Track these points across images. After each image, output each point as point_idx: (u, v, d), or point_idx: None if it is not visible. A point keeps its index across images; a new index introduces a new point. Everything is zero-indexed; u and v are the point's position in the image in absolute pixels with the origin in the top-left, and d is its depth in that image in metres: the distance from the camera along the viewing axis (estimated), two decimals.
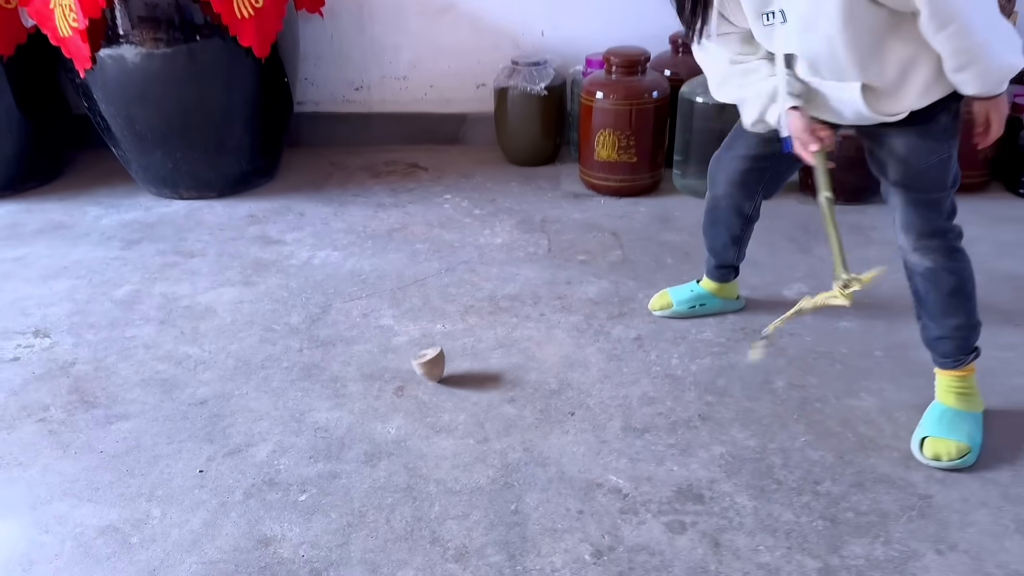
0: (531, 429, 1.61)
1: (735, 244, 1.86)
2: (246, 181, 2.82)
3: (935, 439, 1.49)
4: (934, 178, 1.45)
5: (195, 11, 2.46)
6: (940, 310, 1.52)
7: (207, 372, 1.82)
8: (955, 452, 1.47)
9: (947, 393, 1.56)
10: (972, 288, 1.53)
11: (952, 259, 1.50)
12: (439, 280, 2.19)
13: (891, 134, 1.45)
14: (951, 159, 1.44)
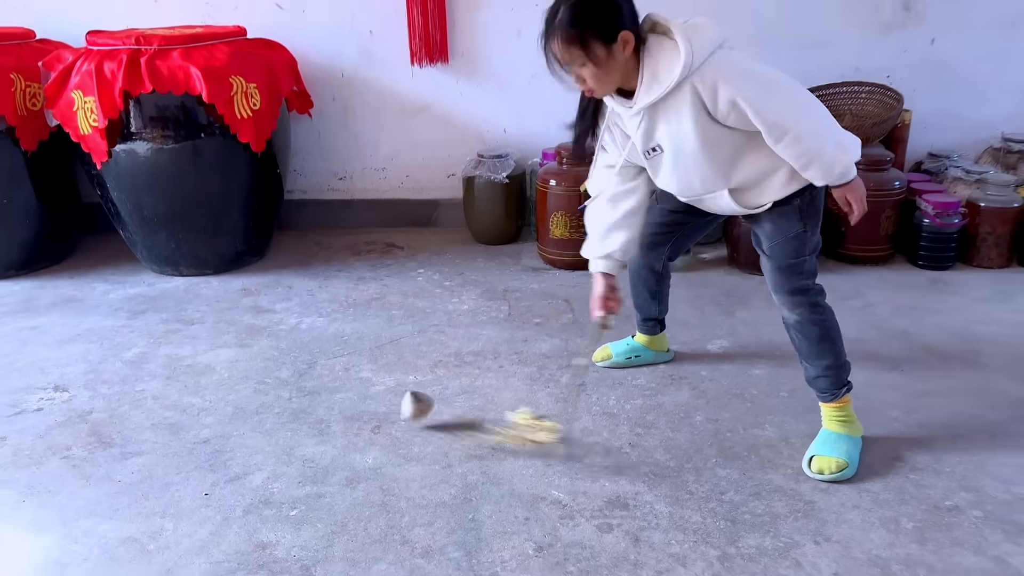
0: (488, 457, 1.90)
1: (654, 299, 2.21)
2: (240, 259, 3.15)
3: (820, 457, 1.81)
4: (794, 248, 1.81)
5: (200, 112, 2.85)
6: (813, 354, 1.86)
7: (209, 417, 2.10)
8: (835, 467, 1.78)
9: (831, 421, 1.88)
10: (836, 334, 1.87)
11: (815, 312, 1.84)
12: (412, 340, 2.50)
13: (761, 217, 1.82)
14: (807, 233, 1.80)
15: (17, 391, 2.26)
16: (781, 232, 1.81)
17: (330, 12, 3.28)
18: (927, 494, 1.74)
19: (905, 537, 1.61)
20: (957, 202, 2.92)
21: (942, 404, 2.08)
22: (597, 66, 1.64)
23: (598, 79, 1.66)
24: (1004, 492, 1.74)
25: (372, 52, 3.35)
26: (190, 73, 2.71)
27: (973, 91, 3.39)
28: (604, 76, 1.66)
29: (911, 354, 2.35)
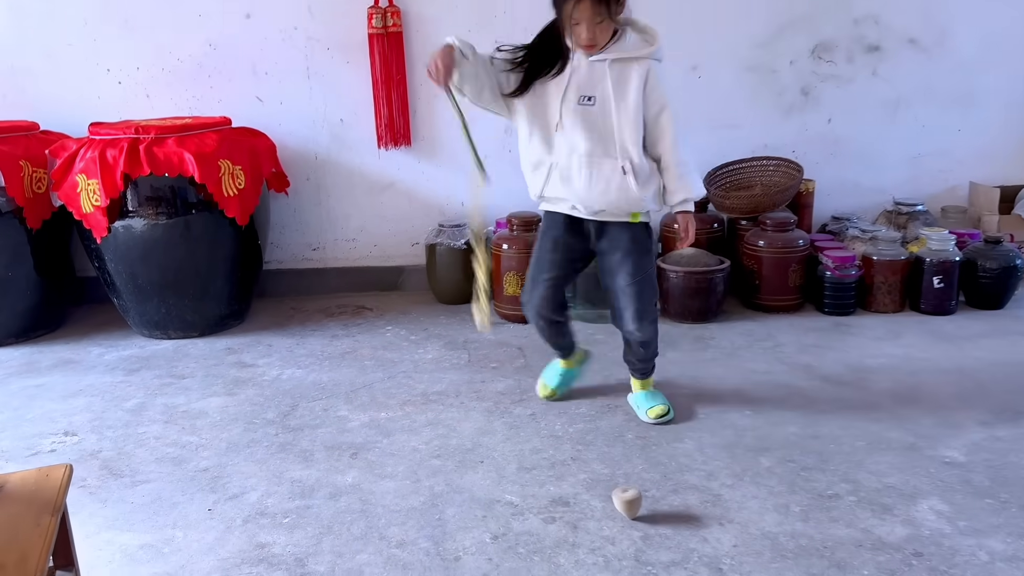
0: (451, 472, 2.23)
1: (565, 336, 2.60)
2: (223, 323, 3.47)
3: (655, 407, 2.45)
4: (649, 263, 2.33)
5: (190, 191, 3.22)
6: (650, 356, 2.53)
7: (206, 451, 2.40)
8: (665, 409, 2.43)
9: (644, 387, 2.51)
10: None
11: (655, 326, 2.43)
12: (383, 384, 2.84)
13: (622, 229, 2.29)
14: (652, 254, 2.33)
15: (31, 437, 2.54)
16: (643, 248, 2.33)
17: (305, 103, 3.72)
18: (813, 486, 2.11)
19: (792, 517, 1.97)
20: (853, 256, 3.39)
21: (833, 419, 2.47)
22: (605, 23, 2.14)
23: (602, 33, 2.16)
24: (876, 483, 2.12)
25: (343, 137, 3.78)
26: (184, 158, 3.09)
27: (867, 163, 3.93)
28: (605, 32, 2.17)
29: (811, 382, 2.76)
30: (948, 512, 1.98)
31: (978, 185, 3.91)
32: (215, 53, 3.65)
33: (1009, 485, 2.09)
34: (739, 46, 3.75)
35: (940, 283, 3.33)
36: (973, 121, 3.91)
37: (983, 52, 3.82)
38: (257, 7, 3.60)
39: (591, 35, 2.15)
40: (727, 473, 2.18)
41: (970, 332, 3.18)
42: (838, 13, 3.73)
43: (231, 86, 3.68)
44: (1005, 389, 2.66)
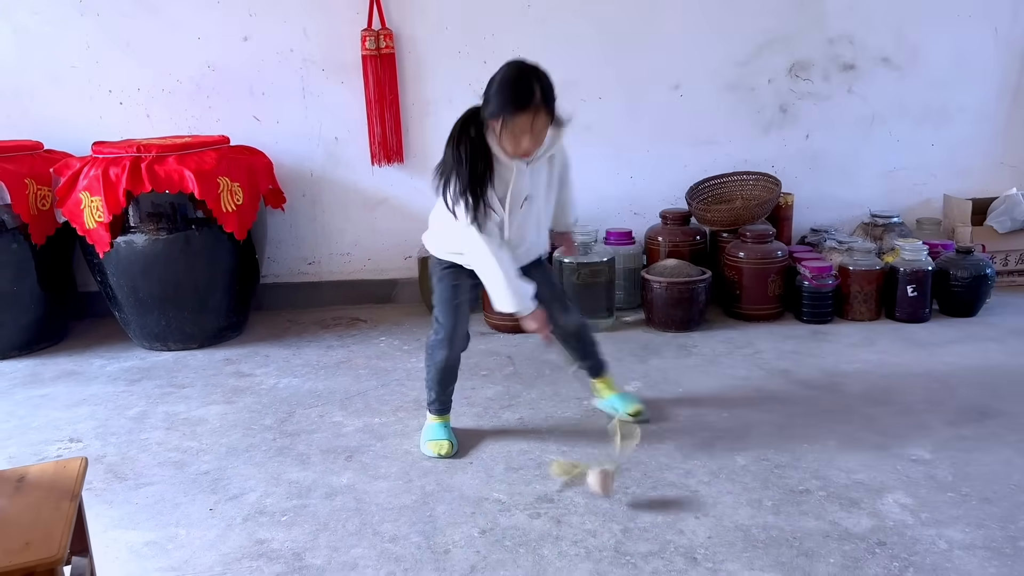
0: (442, 473, 2.34)
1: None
2: (221, 335, 3.58)
3: (635, 406, 2.60)
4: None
5: (190, 207, 3.33)
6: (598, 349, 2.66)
7: (207, 455, 2.51)
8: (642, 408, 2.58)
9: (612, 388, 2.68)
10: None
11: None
12: (376, 392, 2.95)
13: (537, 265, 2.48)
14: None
15: (37, 443, 2.64)
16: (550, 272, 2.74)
17: (300, 123, 3.85)
18: (785, 482, 2.22)
19: (764, 511, 2.08)
20: (829, 266, 3.52)
21: (806, 420, 2.59)
22: (545, 131, 2.23)
23: (542, 139, 2.24)
24: (845, 479, 2.23)
25: (338, 155, 3.91)
26: (184, 175, 3.21)
27: (844, 177, 4.07)
28: (542, 140, 2.24)
29: (787, 387, 2.87)
30: (912, 505, 2.09)
31: (951, 197, 4.06)
32: (214, 74, 3.78)
33: (971, 480, 2.20)
34: (719, 66, 3.90)
35: (914, 292, 3.46)
36: (946, 136, 4.06)
37: (954, 70, 3.97)
38: (255, 30, 3.73)
39: (536, 144, 2.22)
40: (704, 471, 2.29)
41: (942, 339, 3.30)
42: (814, 33, 3.89)
43: (229, 106, 3.80)
44: (973, 392, 2.78)
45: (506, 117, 2.15)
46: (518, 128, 2.16)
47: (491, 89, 2.18)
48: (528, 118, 2.14)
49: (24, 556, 1.13)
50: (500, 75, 2.18)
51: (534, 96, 2.13)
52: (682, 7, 3.83)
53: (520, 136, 2.17)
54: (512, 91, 2.14)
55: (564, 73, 3.81)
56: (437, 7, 3.76)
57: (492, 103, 2.16)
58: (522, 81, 2.15)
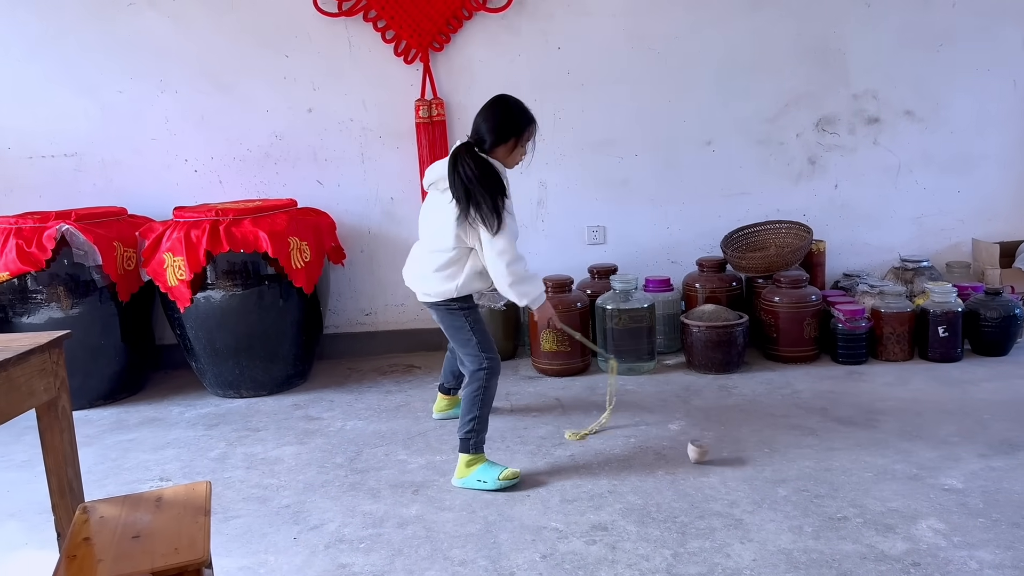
0: (502, 504, 2.54)
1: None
2: (289, 382, 3.84)
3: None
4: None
5: (263, 265, 3.63)
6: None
7: (286, 491, 2.74)
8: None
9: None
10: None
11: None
12: (436, 432, 3.17)
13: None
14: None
15: (130, 483, 2.90)
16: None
17: (359, 185, 4.17)
18: (824, 511, 2.38)
19: (805, 536, 2.24)
20: (862, 309, 3.69)
21: (844, 455, 2.75)
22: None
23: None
24: (881, 507, 2.38)
25: (393, 214, 4.20)
26: (259, 236, 3.52)
27: (873, 223, 4.25)
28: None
29: (825, 424, 3.03)
30: (944, 530, 2.24)
31: (979, 241, 4.21)
32: (280, 143, 4.12)
33: (1001, 506, 2.34)
34: (749, 122, 4.14)
35: (945, 332, 3.60)
36: (971, 183, 4.23)
37: (975, 120, 4.17)
38: (318, 103, 4.08)
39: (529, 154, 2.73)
40: (748, 501, 2.46)
41: (974, 377, 3.44)
42: (838, 90, 4.12)
43: (294, 171, 4.14)
44: (1004, 426, 2.91)
45: (518, 137, 2.65)
46: (525, 143, 2.68)
47: (495, 120, 2.62)
48: (531, 133, 2.67)
49: (175, 559, 1.36)
50: (500, 108, 2.65)
51: (532, 116, 2.68)
52: (712, 69, 4.09)
53: (525, 149, 2.70)
54: (520, 116, 2.65)
55: (603, 133, 4.15)
56: (484, 77, 4.08)
57: (503, 130, 2.62)
58: (521, 106, 2.68)
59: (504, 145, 2.64)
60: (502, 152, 2.65)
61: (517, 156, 2.70)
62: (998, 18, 4.09)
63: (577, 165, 4.19)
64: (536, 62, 4.08)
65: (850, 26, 4.08)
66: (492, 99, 2.69)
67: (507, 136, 2.62)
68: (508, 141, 2.63)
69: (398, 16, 3.96)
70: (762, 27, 4.07)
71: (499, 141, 2.62)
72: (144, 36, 4.02)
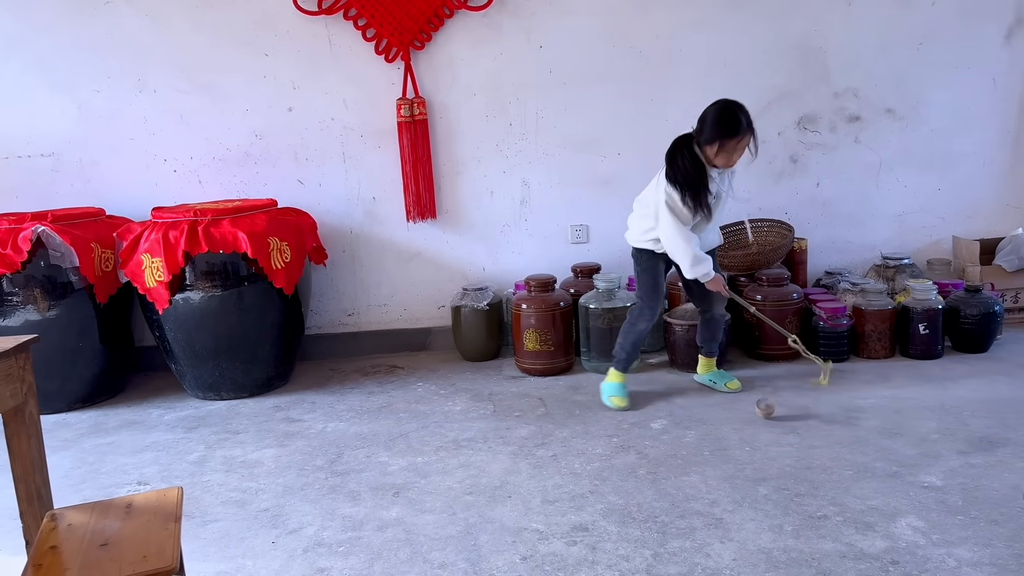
0: (483, 506, 2.52)
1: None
2: (270, 384, 3.81)
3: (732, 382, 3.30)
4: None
5: (243, 266, 3.60)
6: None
7: (265, 494, 2.71)
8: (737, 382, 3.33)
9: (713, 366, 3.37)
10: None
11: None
12: (417, 433, 3.15)
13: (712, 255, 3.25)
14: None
15: (108, 487, 2.86)
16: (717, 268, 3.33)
17: (341, 184, 4.14)
18: (804, 509, 2.38)
19: (785, 535, 2.24)
20: (843, 307, 3.70)
21: (825, 453, 2.75)
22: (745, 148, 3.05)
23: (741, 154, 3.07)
24: (860, 505, 2.39)
25: (375, 213, 4.18)
26: (238, 236, 3.48)
27: (855, 221, 4.27)
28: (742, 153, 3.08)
29: (806, 422, 3.04)
30: (923, 527, 2.24)
31: (960, 239, 4.23)
32: (260, 142, 4.09)
33: (979, 504, 2.35)
34: None
35: (925, 329, 3.62)
36: (951, 180, 4.25)
37: (956, 118, 4.19)
38: (298, 102, 4.05)
39: (737, 158, 3.07)
40: (728, 500, 2.46)
41: (955, 374, 3.45)
42: (820, 88, 4.13)
43: (275, 171, 4.10)
44: (983, 423, 2.92)
45: (722, 141, 2.98)
46: (730, 148, 3.00)
47: (706, 121, 3.01)
48: (737, 141, 2.98)
49: (143, 566, 1.34)
50: (713, 111, 3.01)
51: (743, 125, 2.97)
52: (694, 68, 4.09)
53: (731, 153, 3.02)
54: (728, 123, 2.97)
55: (585, 132, 4.15)
56: (466, 76, 4.06)
57: (707, 132, 3.00)
58: (729, 116, 2.98)
59: (710, 145, 3.00)
60: (708, 151, 3.02)
61: (720, 159, 3.02)
62: (977, 16, 4.11)
63: (560, 164, 4.18)
64: (518, 60, 4.07)
65: (831, 25, 4.09)
66: (716, 101, 3.03)
67: (709, 138, 2.99)
68: (713, 143, 2.99)
69: (379, 14, 3.93)
70: (744, 26, 4.07)
71: (706, 140, 3.01)
72: (121, 34, 3.98)
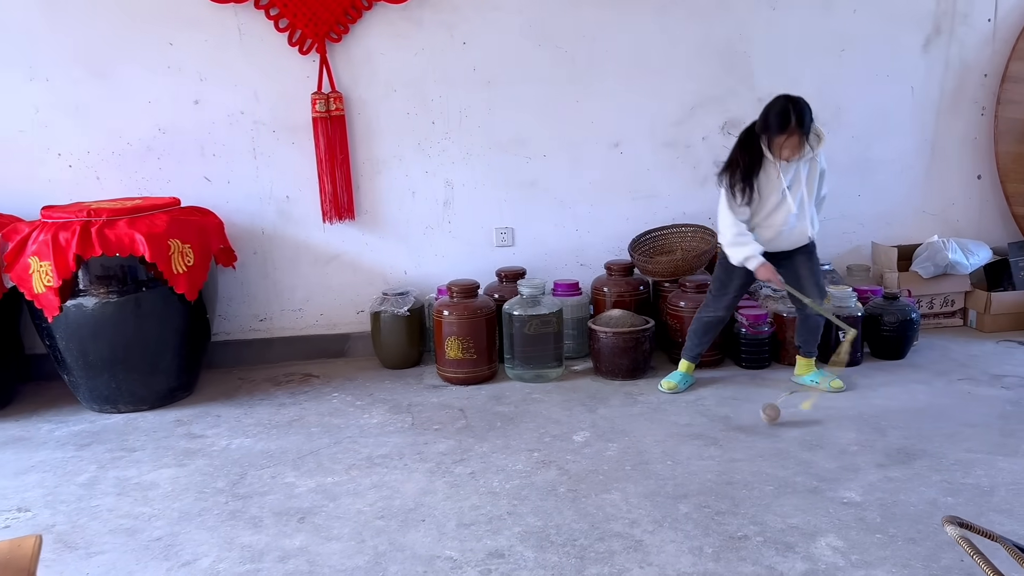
0: (395, 532, 2.38)
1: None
2: (172, 395, 3.58)
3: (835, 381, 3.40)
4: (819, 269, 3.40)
5: (141, 269, 3.35)
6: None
7: (159, 521, 2.51)
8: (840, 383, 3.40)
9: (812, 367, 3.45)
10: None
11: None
12: (329, 450, 2.99)
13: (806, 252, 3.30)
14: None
15: None
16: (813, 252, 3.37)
17: (252, 182, 3.92)
18: (725, 529, 2.32)
19: (705, 558, 2.18)
20: (765, 314, 3.68)
21: (746, 467, 2.71)
22: (804, 146, 3.13)
23: (802, 151, 3.14)
24: (781, 523, 2.34)
25: (289, 213, 3.97)
26: (135, 238, 3.24)
27: None
28: (802, 151, 3.14)
29: (728, 433, 3.00)
30: (843, 547, 2.21)
31: (879, 245, 4.28)
32: (164, 137, 3.83)
33: (897, 521, 2.34)
34: (656, 124, 4.09)
35: (844, 337, 3.63)
36: (871, 187, 4.30)
37: (875, 125, 4.23)
38: (205, 94, 3.81)
39: (793, 154, 3.13)
40: (648, 520, 2.38)
41: (873, 381, 3.48)
42: (744, 93, 4.11)
43: (180, 167, 3.85)
44: (901, 433, 2.94)
45: (769, 136, 3.11)
46: (778, 144, 3.11)
47: (764, 114, 3.11)
48: (784, 137, 3.07)
49: None
50: (769, 104, 3.11)
51: (790, 123, 3.03)
52: (620, 71, 4.02)
53: (781, 148, 3.11)
54: (775, 119, 3.07)
55: (510, 132, 4.03)
56: (386, 71, 3.89)
57: (759, 124, 3.14)
58: (780, 112, 3.06)
59: (763, 136, 3.14)
60: (762, 142, 3.15)
61: (776, 151, 3.13)
62: (897, 25, 4.16)
63: (484, 165, 4.05)
64: (440, 57, 3.92)
65: (755, 29, 4.08)
66: (780, 95, 3.11)
67: (761, 130, 3.14)
68: (763, 135, 3.14)
69: (292, 4, 3.72)
70: (670, 28, 4.02)
71: (759, 131, 3.15)
72: (9, 18, 3.66)
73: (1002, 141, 4.24)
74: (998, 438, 2.86)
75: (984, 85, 4.27)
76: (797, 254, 3.33)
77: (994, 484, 2.52)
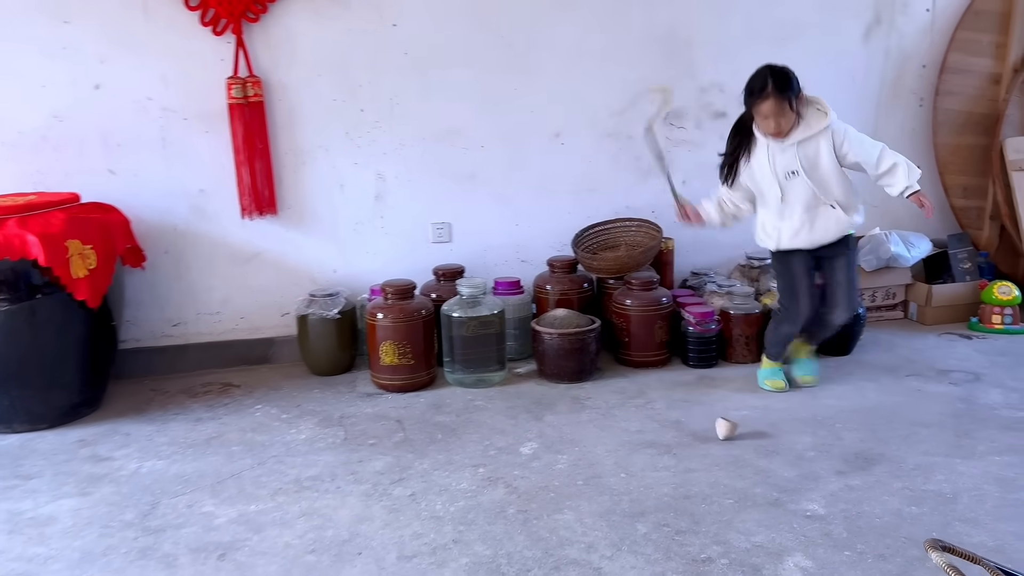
0: (327, 569, 2.15)
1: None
2: (75, 411, 3.23)
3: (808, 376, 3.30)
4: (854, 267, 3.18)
5: (35, 274, 3.00)
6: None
7: (56, 564, 2.21)
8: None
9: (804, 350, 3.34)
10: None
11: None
12: (252, 472, 2.72)
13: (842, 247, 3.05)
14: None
15: None
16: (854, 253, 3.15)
17: (162, 175, 3.57)
18: (687, 551, 2.17)
19: None
20: (712, 312, 3.57)
21: (702, 477, 2.57)
22: (787, 114, 2.85)
23: (786, 121, 2.87)
24: (745, 542, 2.21)
25: (203, 208, 3.64)
26: (27, 240, 2.88)
27: None
28: (788, 120, 2.88)
29: (681, 439, 2.86)
30: (811, 567, 2.08)
31: None
32: (61, 125, 3.44)
33: (864, 535, 2.23)
34: (597, 114, 3.92)
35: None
36: None
37: None
38: (107, 78, 3.44)
39: (777, 126, 2.87)
40: (606, 543, 2.21)
41: (823, 380, 3.39)
42: (686, 82, 3.98)
43: (79, 159, 3.47)
44: (856, 436, 2.85)
45: (751, 106, 2.91)
46: (762, 114, 2.88)
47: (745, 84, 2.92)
48: (763, 102, 2.83)
49: None
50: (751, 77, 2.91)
51: (767, 87, 2.82)
52: (559, 58, 3.83)
53: (766, 119, 2.89)
54: (752, 83, 2.89)
55: (446, 122, 3.79)
56: (308, 53, 3.59)
57: (744, 96, 2.93)
58: (757, 77, 2.88)
59: (749, 110, 2.97)
60: (756, 123, 2.97)
61: (761, 126, 2.95)
62: (838, 13, 4.09)
63: (418, 156, 3.80)
64: (368, 39, 3.64)
65: (698, 16, 3.94)
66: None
67: (745, 101, 2.95)
68: (747, 107, 2.96)
69: None
70: (611, 14, 3.84)
71: (745, 104, 2.97)
72: None
73: (940, 132, 4.24)
74: (953, 439, 2.80)
75: (922, 76, 4.26)
76: (837, 257, 3.11)
77: (956, 491, 2.45)
